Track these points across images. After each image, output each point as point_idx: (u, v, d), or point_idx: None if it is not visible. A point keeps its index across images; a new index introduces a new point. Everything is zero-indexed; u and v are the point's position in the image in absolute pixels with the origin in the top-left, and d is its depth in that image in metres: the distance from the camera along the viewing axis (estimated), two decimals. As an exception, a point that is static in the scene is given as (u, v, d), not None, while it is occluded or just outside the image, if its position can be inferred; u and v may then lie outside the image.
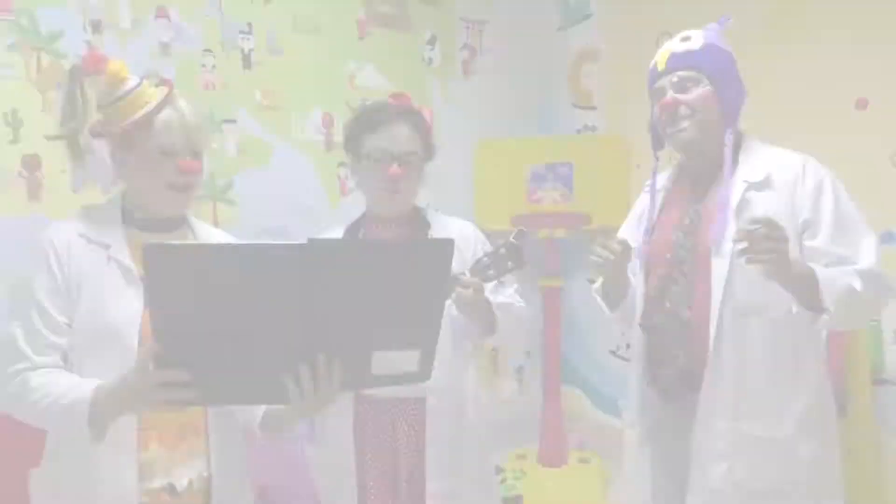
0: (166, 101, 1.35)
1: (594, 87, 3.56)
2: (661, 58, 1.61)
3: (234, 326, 1.04)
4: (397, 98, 1.70)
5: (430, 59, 3.35)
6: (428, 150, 1.72)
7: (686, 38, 1.59)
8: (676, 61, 1.57)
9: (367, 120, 1.67)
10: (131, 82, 1.35)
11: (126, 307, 1.30)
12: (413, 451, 1.66)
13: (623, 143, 3.38)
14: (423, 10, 3.31)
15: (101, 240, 1.34)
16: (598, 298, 1.81)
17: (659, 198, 1.70)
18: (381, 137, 1.63)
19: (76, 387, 1.22)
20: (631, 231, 1.82)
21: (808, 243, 1.48)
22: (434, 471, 1.65)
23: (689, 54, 1.56)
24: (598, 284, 1.80)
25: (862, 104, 2.54)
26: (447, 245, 1.13)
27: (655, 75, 1.62)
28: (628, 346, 3.40)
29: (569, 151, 3.45)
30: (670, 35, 3.09)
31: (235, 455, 1.46)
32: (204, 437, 1.39)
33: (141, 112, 1.32)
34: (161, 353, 1.05)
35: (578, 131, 3.65)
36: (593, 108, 3.57)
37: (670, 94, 1.56)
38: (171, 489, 1.32)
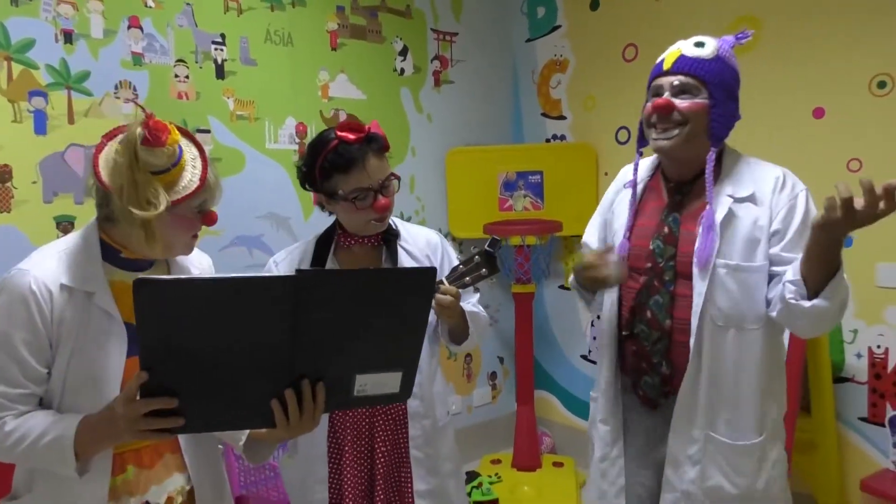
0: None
1: (562, 97, 3.64)
2: (668, 56, 1.55)
3: (220, 355, 1.05)
4: (353, 129, 1.60)
5: (402, 70, 3.40)
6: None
7: (700, 44, 1.53)
8: (683, 64, 1.51)
9: (336, 163, 1.58)
10: (177, 145, 1.27)
11: (108, 356, 1.26)
12: (390, 452, 1.68)
13: (591, 151, 3.46)
14: (395, 21, 3.36)
15: (84, 287, 1.26)
16: (577, 293, 1.82)
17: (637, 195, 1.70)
18: (360, 177, 1.57)
19: (57, 423, 1.20)
20: (595, 229, 1.85)
21: (772, 250, 1.51)
22: (419, 471, 1.68)
23: (697, 61, 1.51)
24: (572, 279, 1.79)
25: (819, 113, 2.65)
26: (430, 273, 1.17)
27: (658, 72, 1.56)
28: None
29: (539, 160, 3.52)
30: (636, 47, 3.22)
31: (214, 466, 1.46)
32: (180, 453, 1.38)
33: (194, 177, 1.28)
34: (148, 382, 1.05)
35: (548, 140, 3.72)
36: (562, 117, 3.64)
37: (667, 96, 1.52)
38: None
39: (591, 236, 1.87)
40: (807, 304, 1.38)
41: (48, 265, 1.26)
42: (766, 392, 1.56)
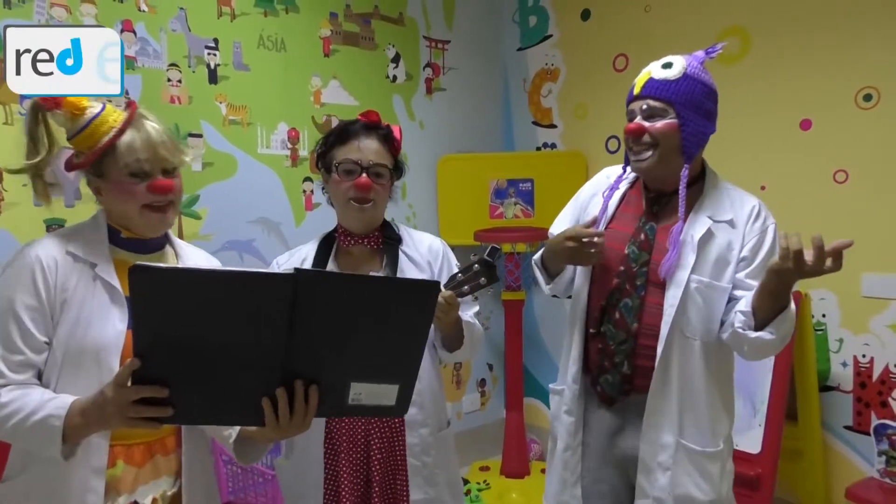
0: (128, 124, 1.33)
1: (553, 105, 3.66)
2: (639, 80, 1.63)
3: (214, 348, 1.05)
4: (367, 115, 1.73)
5: (394, 77, 3.41)
6: (397, 167, 1.75)
7: (667, 65, 1.60)
8: (650, 88, 1.59)
9: (338, 134, 1.71)
10: (93, 110, 1.33)
11: (110, 327, 1.28)
12: (386, 460, 1.67)
13: (582, 160, 3.49)
14: (388, 28, 3.37)
15: (88, 258, 1.32)
16: (537, 270, 1.86)
17: (614, 200, 1.75)
18: (351, 149, 1.66)
19: (49, 402, 1.20)
20: (566, 224, 1.87)
21: (737, 275, 1.60)
22: (416, 480, 1.67)
23: (663, 84, 1.58)
24: (538, 256, 1.85)
25: (806, 125, 2.68)
26: (433, 287, 1.15)
27: (630, 97, 1.64)
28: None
29: (529, 167, 3.54)
30: (626, 57, 3.26)
31: (205, 472, 1.46)
32: (173, 455, 1.38)
33: (105, 138, 1.31)
34: (140, 369, 1.05)
35: (539, 148, 3.75)
36: (553, 126, 3.67)
37: (637, 121, 1.60)
38: None
39: (560, 231, 1.88)
40: (752, 334, 1.49)
41: (57, 240, 1.34)
42: (723, 403, 1.66)
